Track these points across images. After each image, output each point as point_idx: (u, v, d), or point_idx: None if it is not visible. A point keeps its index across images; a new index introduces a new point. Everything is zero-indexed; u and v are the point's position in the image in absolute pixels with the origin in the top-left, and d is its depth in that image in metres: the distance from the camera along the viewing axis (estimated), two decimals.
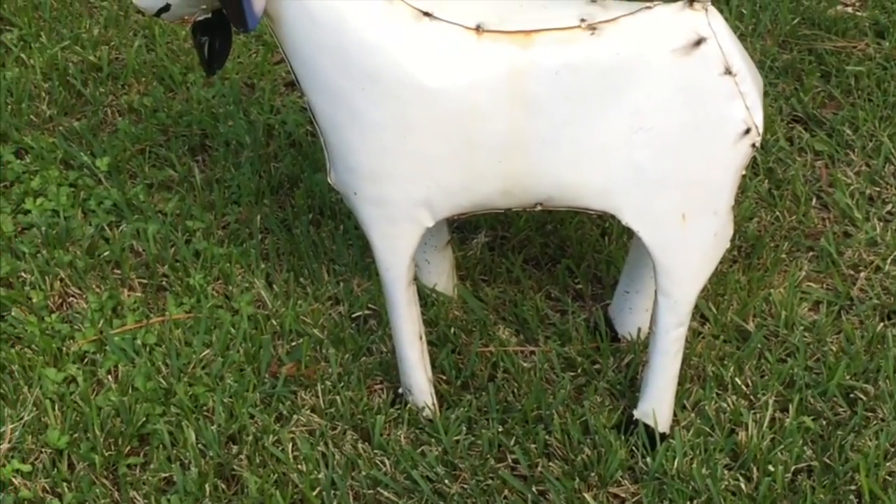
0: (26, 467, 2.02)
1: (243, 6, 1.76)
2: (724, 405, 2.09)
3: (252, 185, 2.56)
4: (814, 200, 2.55)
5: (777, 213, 2.50)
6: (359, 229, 2.40)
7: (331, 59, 1.80)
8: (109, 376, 2.18)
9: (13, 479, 2.00)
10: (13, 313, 2.29)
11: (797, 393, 2.10)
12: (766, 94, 2.73)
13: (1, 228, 2.46)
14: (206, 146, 2.73)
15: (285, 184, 2.59)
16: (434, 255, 2.25)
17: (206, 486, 1.98)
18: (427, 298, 2.26)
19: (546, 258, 2.41)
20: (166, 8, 1.90)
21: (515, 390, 2.13)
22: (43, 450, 2.05)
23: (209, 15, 1.93)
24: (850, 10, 3.13)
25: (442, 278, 2.28)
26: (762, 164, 2.60)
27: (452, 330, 2.22)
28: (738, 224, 2.38)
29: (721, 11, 1.76)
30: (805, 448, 2.02)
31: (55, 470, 2.02)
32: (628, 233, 2.38)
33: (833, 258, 2.40)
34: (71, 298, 2.35)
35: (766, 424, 2.05)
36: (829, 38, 2.99)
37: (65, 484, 2.00)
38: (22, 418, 2.09)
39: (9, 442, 2.06)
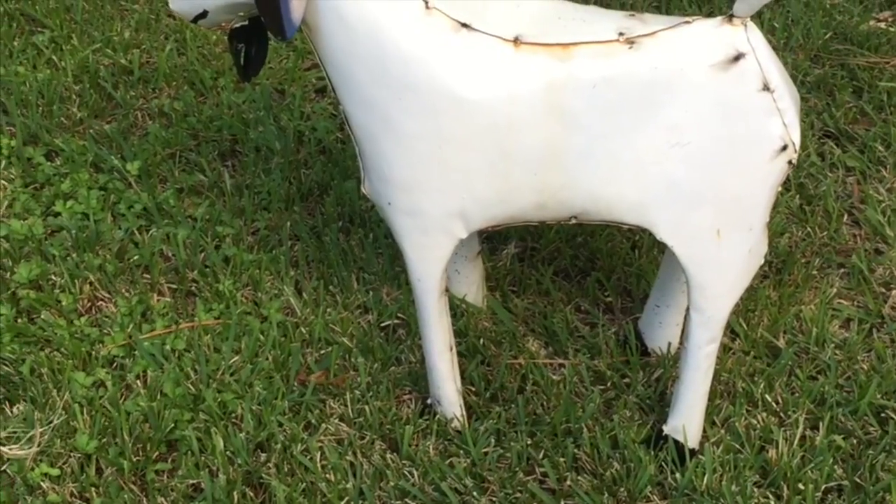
0: (55, 471, 2.02)
1: (281, 14, 1.76)
2: (754, 422, 2.08)
3: (282, 192, 2.56)
4: (845, 217, 2.54)
5: (808, 229, 2.49)
6: (388, 237, 2.40)
7: (367, 69, 1.80)
8: (138, 381, 2.18)
9: (42, 483, 2.00)
10: (43, 316, 2.29)
11: (828, 411, 2.09)
12: None
13: (31, 231, 2.47)
14: (236, 151, 2.73)
15: (315, 191, 2.59)
16: (464, 265, 2.25)
17: (234, 493, 1.98)
18: (457, 309, 2.26)
19: (576, 270, 2.40)
20: (203, 14, 1.90)
21: (544, 403, 2.13)
22: (72, 454, 2.05)
23: (246, 22, 1.93)
24: (882, 25, 3.11)
25: (472, 289, 2.28)
26: (794, 179, 2.59)
27: (482, 341, 2.22)
28: (770, 240, 2.36)
29: (752, 22, 1.75)
30: (835, 467, 2.01)
31: (83, 475, 2.02)
32: (659, 246, 2.38)
33: (864, 275, 2.38)
34: (100, 302, 2.35)
35: (796, 442, 2.04)
36: (861, 53, 2.98)
37: (93, 489, 2.00)
38: (51, 422, 2.09)
39: (38, 445, 2.06)
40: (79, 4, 3.15)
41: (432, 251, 1.91)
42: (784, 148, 1.78)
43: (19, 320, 2.29)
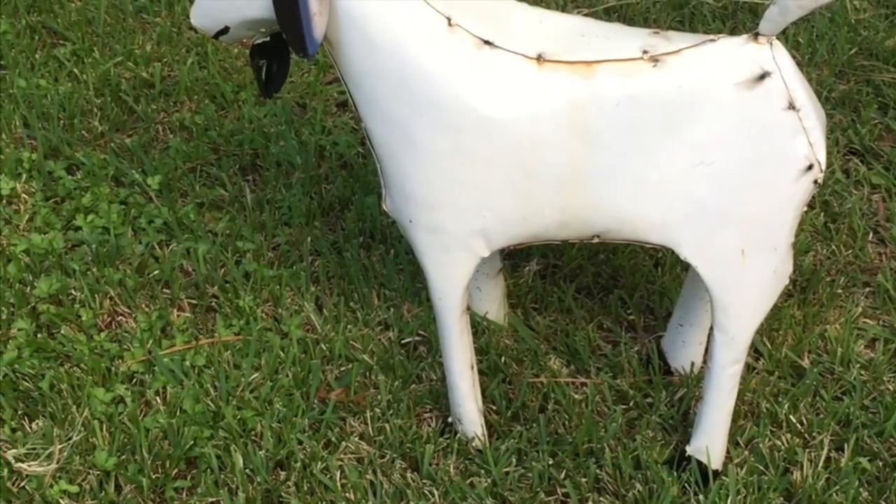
0: (74, 488, 2.02)
1: (303, 31, 1.75)
2: (779, 443, 2.06)
3: (303, 207, 2.55)
4: (871, 235, 2.52)
5: (833, 247, 2.46)
6: (410, 254, 2.38)
7: (389, 86, 1.79)
8: (158, 397, 2.17)
9: (60, 501, 2.00)
10: (63, 331, 2.28)
11: (853, 433, 2.07)
12: None
13: (52, 245, 2.46)
14: (256, 166, 2.72)
15: (336, 206, 2.58)
16: (486, 282, 2.23)
17: None
18: (478, 327, 2.24)
19: (598, 288, 2.38)
20: (225, 30, 1.90)
21: (566, 422, 2.11)
22: (91, 471, 2.04)
23: (268, 38, 1.92)
24: None
25: (493, 306, 2.26)
26: (818, 196, 2.57)
27: (503, 359, 2.20)
28: (794, 258, 2.34)
29: (778, 41, 1.73)
30: (861, 489, 1.99)
31: (102, 492, 2.01)
32: (682, 264, 2.36)
33: (890, 294, 2.36)
34: (120, 317, 2.35)
35: (821, 464, 2.02)
36: (887, 69, 2.96)
37: None
38: (70, 438, 2.08)
39: (57, 462, 2.05)
40: (101, 17, 3.15)
41: (454, 269, 1.90)
42: (810, 167, 1.76)
43: (39, 335, 2.29)
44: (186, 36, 3.13)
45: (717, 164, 1.76)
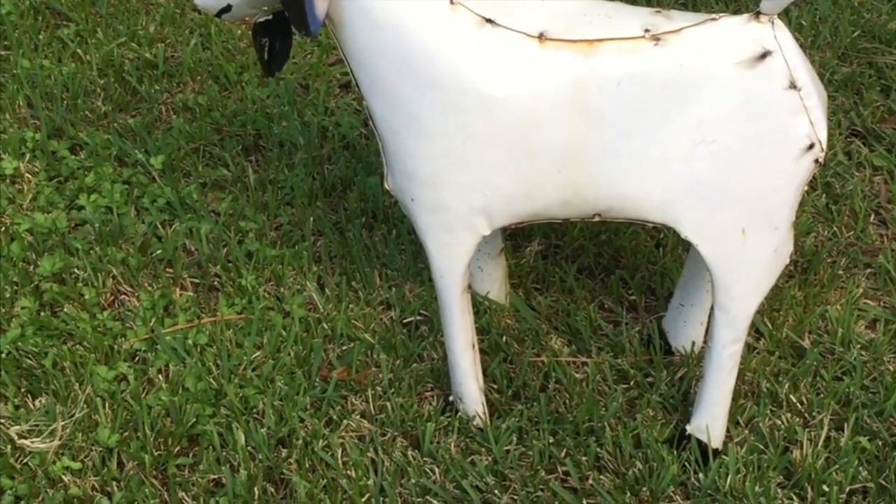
0: (76, 465, 2.03)
1: (305, 10, 1.76)
2: (779, 422, 2.07)
3: (305, 187, 2.55)
4: (872, 216, 2.52)
5: (834, 228, 2.47)
6: (412, 234, 2.39)
7: (391, 65, 1.79)
8: (160, 375, 2.18)
9: (63, 477, 2.00)
10: (66, 309, 2.29)
11: (853, 412, 2.08)
12: None
13: (55, 224, 2.47)
14: (259, 146, 2.73)
15: (338, 186, 2.58)
16: (487, 262, 2.24)
17: (255, 489, 1.98)
18: (479, 306, 2.25)
19: (600, 268, 2.39)
20: (227, 9, 1.90)
21: (567, 401, 2.12)
22: (93, 448, 2.05)
23: (270, 17, 1.92)
24: None
25: (495, 286, 2.27)
26: (820, 178, 2.57)
27: (504, 339, 2.21)
28: (795, 239, 2.35)
29: (779, 20, 1.73)
30: (860, 469, 1.99)
31: (105, 468, 2.02)
32: (684, 244, 2.36)
33: (891, 275, 2.36)
34: (123, 296, 2.35)
35: (820, 443, 2.03)
36: (889, 51, 2.96)
37: (114, 483, 2.00)
38: (73, 415, 2.09)
39: (59, 439, 2.06)
40: None
41: (455, 248, 1.90)
42: (811, 147, 1.76)
43: (42, 313, 2.29)
44: (190, 17, 3.13)
45: (719, 143, 1.76)
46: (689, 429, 2.01)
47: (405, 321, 2.28)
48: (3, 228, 2.47)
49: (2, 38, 3.05)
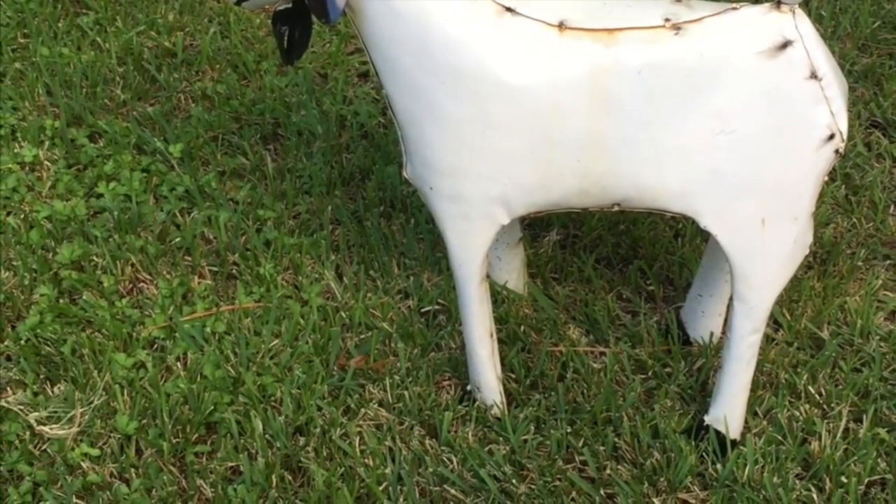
0: (95, 451, 2.03)
1: None
2: (797, 413, 2.06)
3: (323, 176, 2.56)
4: (892, 207, 2.51)
5: (854, 219, 2.46)
6: (430, 223, 2.39)
7: (411, 54, 1.79)
8: (178, 363, 2.18)
9: (82, 463, 2.01)
10: (84, 297, 2.30)
11: (872, 404, 2.07)
12: None
13: (74, 212, 2.47)
14: (278, 135, 2.73)
15: (357, 175, 2.58)
16: (506, 252, 2.24)
17: (273, 477, 1.98)
18: (498, 296, 2.25)
19: (618, 258, 2.38)
20: None
21: (585, 391, 2.12)
22: (112, 435, 2.06)
23: (290, 5, 1.92)
24: None
25: (513, 276, 2.27)
26: (839, 169, 2.56)
27: (522, 328, 2.21)
28: (815, 230, 2.34)
29: (800, 9, 1.73)
30: (879, 460, 1.99)
31: (123, 455, 2.03)
32: (702, 234, 2.36)
33: None
34: (141, 284, 2.36)
35: (839, 435, 2.02)
36: None
37: (132, 469, 2.01)
38: (92, 402, 2.10)
39: (78, 426, 2.07)
40: None
41: (474, 237, 1.90)
42: (831, 137, 1.76)
43: (61, 301, 2.30)
44: (209, 6, 3.13)
45: (739, 133, 1.75)
46: (707, 419, 2.01)
47: (423, 310, 2.28)
48: (22, 216, 2.48)
49: (21, 27, 3.05)
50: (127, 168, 2.59)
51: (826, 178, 1.83)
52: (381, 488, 1.97)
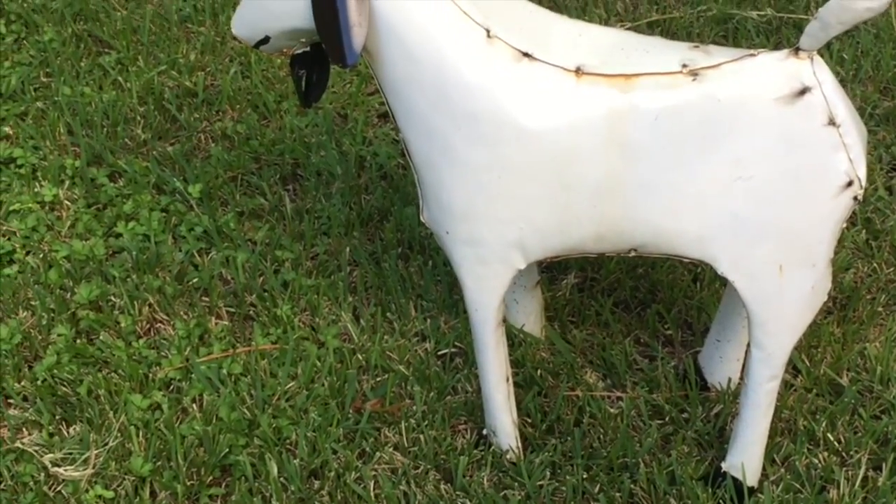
0: (109, 493, 2.03)
1: (342, 41, 1.76)
2: (815, 461, 2.05)
3: (342, 217, 2.56)
4: None
5: (874, 264, 2.44)
6: (447, 265, 2.38)
7: (428, 97, 1.79)
8: (194, 405, 2.18)
9: None
10: (102, 337, 2.30)
11: (891, 452, 2.05)
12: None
13: (93, 251, 2.48)
14: (297, 175, 2.73)
15: (375, 216, 2.58)
16: (523, 295, 2.23)
17: None
18: (514, 339, 2.24)
19: (636, 302, 2.37)
20: (265, 40, 1.90)
21: (601, 436, 2.10)
22: (126, 477, 2.05)
23: (308, 48, 1.93)
24: None
25: (530, 319, 2.26)
26: (860, 213, 2.55)
27: (539, 372, 2.20)
28: (834, 275, 2.33)
29: (821, 56, 1.72)
30: None
31: (137, 497, 2.02)
32: (721, 279, 2.35)
33: None
34: (159, 324, 2.36)
35: (857, 483, 2.00)
36: None
37: None
38: (107, 444, 2.10)
39: (93, 467, 2.06)
40: (146, 26, 3.17)
41: (490, 281, 1.90)
42: (849, 184, 1.75)
43: (78, 341, 2.30)
44: (230, 46, 3.14)
45: (756, 179, 1.74)
46: (725, 466, 1.99)
47: (440, 353, 2.27)
48: (41, 255, 2.49)
49: (44, 66, 3.07)
50: (146, 208, 2.60)
51: (846, 223, 1.81)
52: None
